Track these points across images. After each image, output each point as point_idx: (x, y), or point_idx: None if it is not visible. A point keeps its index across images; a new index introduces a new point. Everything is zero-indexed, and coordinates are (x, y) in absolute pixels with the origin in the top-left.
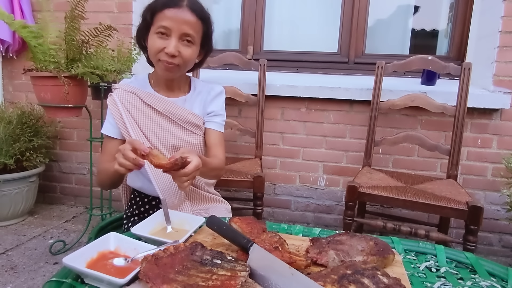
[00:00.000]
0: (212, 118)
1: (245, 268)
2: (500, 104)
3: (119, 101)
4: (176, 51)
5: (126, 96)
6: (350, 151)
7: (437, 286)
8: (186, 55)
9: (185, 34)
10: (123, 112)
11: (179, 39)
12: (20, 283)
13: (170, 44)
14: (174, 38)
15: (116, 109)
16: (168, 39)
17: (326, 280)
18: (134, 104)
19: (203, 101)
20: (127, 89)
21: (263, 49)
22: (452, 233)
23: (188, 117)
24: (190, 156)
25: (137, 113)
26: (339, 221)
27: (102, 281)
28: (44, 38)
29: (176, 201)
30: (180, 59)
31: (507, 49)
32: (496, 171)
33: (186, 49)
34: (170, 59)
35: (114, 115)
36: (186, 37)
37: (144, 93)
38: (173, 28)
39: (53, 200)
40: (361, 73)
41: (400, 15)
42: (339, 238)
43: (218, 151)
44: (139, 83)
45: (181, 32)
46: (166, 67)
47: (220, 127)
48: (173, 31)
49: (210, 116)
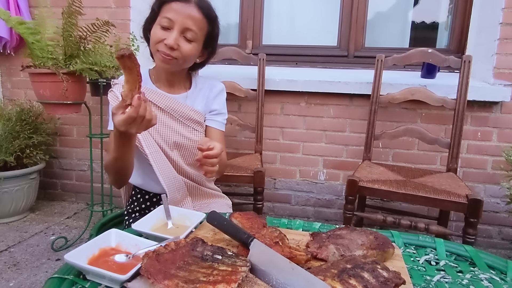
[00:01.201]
0: (214, 117)
1: (245, 263)
2: (500, 97)
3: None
4: (176, 44)
5: None
6: (350, 145)
7: (437, 279)
8: (185, 50)
9: (188, 28)
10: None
11: (181, 33)
12: (22, 279)
13: (170, 36)
14: (176, 31)
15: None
16: (170, 32)
17: (326, 274)
18: None
19: (205, 97)
20: None
21: (262, 44)
22: (452, 226)
23: (190, 114)
24: (212, 143)
25: None
26: (339, 215)
27: (104, 277)
28: (41, 35)
29: (179, 197)
30: (179, 53)
31: (508, 41)
32: (496, 164)
33: (186, 44)
34: (168, 50)
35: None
36: (188, 32)
37: (146, 89)
38: (176, 21)
39: (54, 197)
40: (361, 67)
41: (400, 7)
42: (339, 233)
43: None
44: None
45: (183, 26)
46: (163, 59)
47: (222, 126)
48: (175, 24)
49: (213, 115)
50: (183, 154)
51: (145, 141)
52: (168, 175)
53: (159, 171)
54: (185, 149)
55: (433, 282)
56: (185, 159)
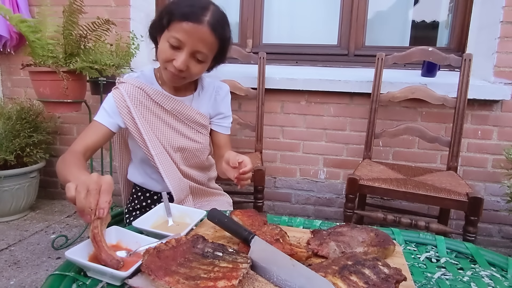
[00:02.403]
0: (221, 121)
1: (246, 260)
2: (500, 95)
3: (127, 95)
4: (185, 66)
5: (134, 91)
6: (350, 144)
7: (437, 276)
8: (195, 72)
9: (198, 51)
10: (133, 108)
11: (191, 55)
12: (23, 278)
13: (179, 59)
14: (186, 53)
15: (124, 104)
16: (179, 52)
17: (327, 271)
18: (141, 101)
19: (212, 100)
20: (135, 84)
21: (263, 42)
22: (452, 225)
23: (195, 117)
24: (240, 157)
25: (144, 111)
26: (339, 214)
27: (105, 274)
28: (42, 33)
29: (183, 196)
30: (188, 73)
31: (508, 39)
32: (496, 163)
33: (196, 66)
34: (177, 72)
35: (121, 110)
36: (199, 54)
37: (152, 90)
38: (187, 43)
39: (54, 195)
40: (361, 65)
41: (400, 6)
42: (340, 230)
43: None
44: (146, 79)
45: (194, 49)
46: (172, 77)
47: (228, 130)
48: (186, 46)
49: (219, 119)
50: (186, 156)
51: (150, 142)
52: (174, 177)
53: (165, 173)
54: (188, 151)
55: (434, 279)
56: (187, 161)
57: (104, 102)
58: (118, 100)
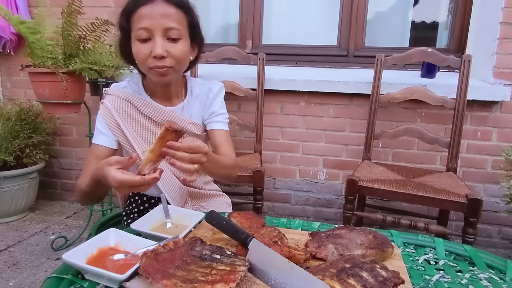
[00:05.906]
0: (214, 119)
1: (244, 262)
2: (500, 97)
3: (114, 109)
4: (164, 51)
5: (120, 103)
6: (350, 145)
7: (436, 278)
8: (177, 53)
9: (168, 28)
10: (121, 123)
11: (164, 37)
12: (22, 279)
13: (155, 46)
14: (158, 37)
15: (112, 118)
16: (152, 41)
17: (325, 274)
18: (129, 114)
19: (202, 104)
20: (121, 96)
21: (262, 43)
22: (452, 226)
23: (188, 127)
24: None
25: (134, 123)
26: (339, 215)
27: (102, 277)
28: (41, 34)
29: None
30: (171, 60)
31: (508, 40)
32: (495, 164)
33: (175, 46)
34: (160, 62)
35: (110, 125)
36: (170, 31)
37: (140, 101)
38: (153, 27)
39: (54, 196)
40: (361, 66)
41: (400, 7)
42: (338, 232)
43: (227, 149)
44: (133, 88)
45: (163, 28)
46: (159, 73)
47: (224, 126)
48: (154, 30)
49: (212, 117)
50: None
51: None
52: (173, 188)
53: (163, 186)
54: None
55: (432, 282)
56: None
57: (96, 122)
58: (106, 116)
